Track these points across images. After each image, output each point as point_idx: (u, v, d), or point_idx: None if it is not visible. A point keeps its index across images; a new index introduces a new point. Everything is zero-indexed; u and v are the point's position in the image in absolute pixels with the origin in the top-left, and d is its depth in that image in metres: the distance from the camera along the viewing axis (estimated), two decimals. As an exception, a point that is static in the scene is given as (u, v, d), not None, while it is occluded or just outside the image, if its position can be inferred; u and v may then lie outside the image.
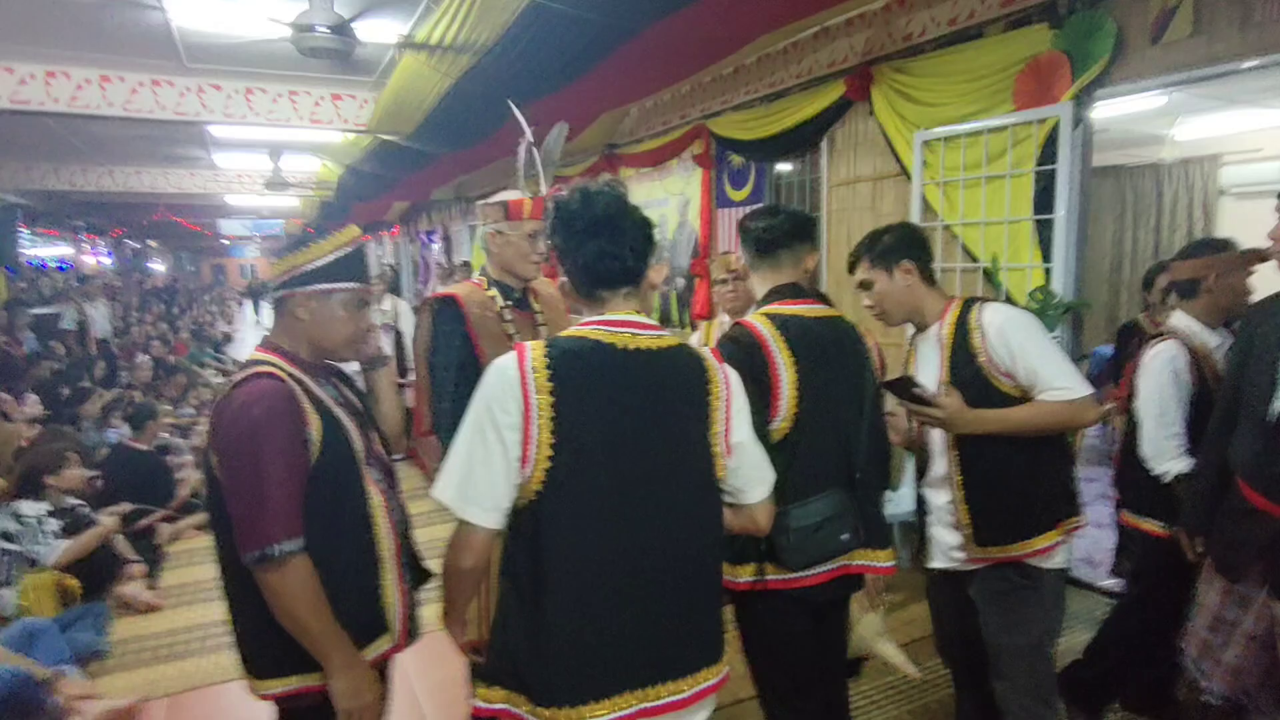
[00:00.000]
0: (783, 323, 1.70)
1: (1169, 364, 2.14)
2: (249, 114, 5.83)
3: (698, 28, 3.26)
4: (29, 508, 3.52)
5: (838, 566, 1.72)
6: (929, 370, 1.88)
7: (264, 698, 1.53)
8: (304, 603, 1.41)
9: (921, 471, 2.01)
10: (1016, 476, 1.80)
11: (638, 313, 1.33)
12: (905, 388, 1.78)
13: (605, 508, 1.24)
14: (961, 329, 1.81)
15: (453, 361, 2.15)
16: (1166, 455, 2.13)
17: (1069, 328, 3.12)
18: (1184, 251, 2.30)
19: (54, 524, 3.54)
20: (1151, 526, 2.26)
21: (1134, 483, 2.31)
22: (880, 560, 1.78)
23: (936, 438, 1.91)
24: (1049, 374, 1.70)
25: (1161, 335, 2.23)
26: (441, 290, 2.28)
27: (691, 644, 1.32)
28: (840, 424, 1.72)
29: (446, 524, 1.28)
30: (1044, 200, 3.05)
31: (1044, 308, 2.95)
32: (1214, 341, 2.19)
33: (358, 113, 6.13)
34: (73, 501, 3.80)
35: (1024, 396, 1.76)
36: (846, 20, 3.86)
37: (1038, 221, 3.08)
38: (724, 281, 2.66)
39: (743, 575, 1.71)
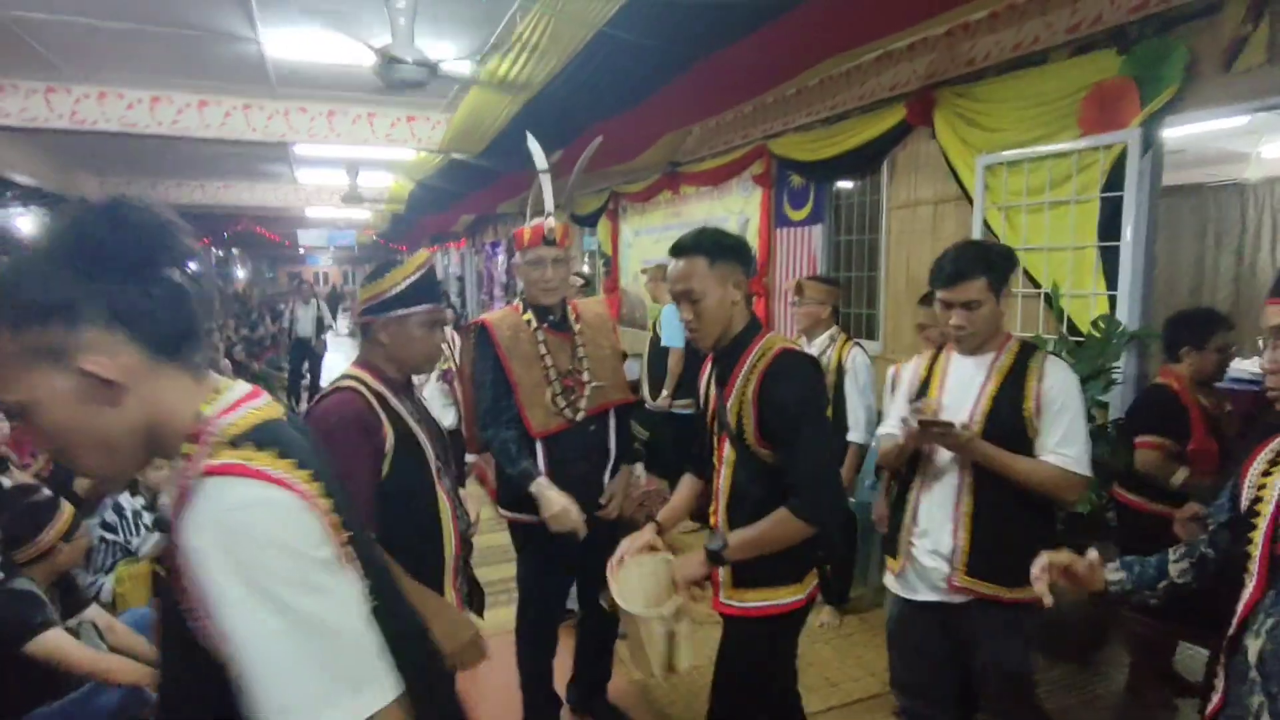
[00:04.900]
0: None
1: None
2: (330, 134, 6.17)
3: (759, 55, 3.33)
4: (127, 501, 3.80)
5: None
6: (966, 390, 1.92)
7: None
8: None
9: (903, 493, 2.02)
10: (1024, 522, 1.85)
11: None
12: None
13: None
14: (1021, 366, 1.85)
15: (486, 380, 2.28)
16: None
17: (1134, 357, 3.05)
18: None
19: (148, 517, 3.82)
20: None
21: None
22: None
23: (945, 461, 1.92)
24: (1066, 437, 1.78)
25: None
26: (479, 317, 2.42)
27: None
28: None
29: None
30: (1111, 226, 3.00)
31: (1107, 336, 2.90)
32: None
33: (431, 133, 6.41)
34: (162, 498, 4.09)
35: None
36: (909, 44, 3.87)
37: (1103, 248, 3.03)
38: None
39: (788, 596, 1.79)
